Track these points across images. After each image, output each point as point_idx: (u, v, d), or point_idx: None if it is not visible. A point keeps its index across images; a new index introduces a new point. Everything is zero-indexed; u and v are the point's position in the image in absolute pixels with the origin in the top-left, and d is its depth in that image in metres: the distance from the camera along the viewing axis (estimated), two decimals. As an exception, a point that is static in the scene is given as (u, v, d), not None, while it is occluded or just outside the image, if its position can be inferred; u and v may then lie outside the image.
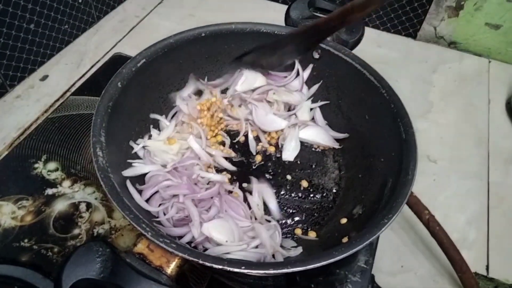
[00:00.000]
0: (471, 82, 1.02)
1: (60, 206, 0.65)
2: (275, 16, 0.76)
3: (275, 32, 0.67)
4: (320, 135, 0.68)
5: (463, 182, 0.81)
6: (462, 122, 0.92)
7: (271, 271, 0.42)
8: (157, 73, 0.63)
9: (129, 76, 0.57)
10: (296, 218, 0.61)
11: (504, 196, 0.79)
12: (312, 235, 0.58)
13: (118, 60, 0.67)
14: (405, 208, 0.67)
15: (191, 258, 0.41)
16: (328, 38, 0.67)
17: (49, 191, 0.66)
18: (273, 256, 0.54)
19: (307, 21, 0.68)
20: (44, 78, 0.89)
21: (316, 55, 0.67)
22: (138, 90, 0.60)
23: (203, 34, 0.64)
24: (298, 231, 0.59)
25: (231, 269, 0.41)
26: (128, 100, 0.58)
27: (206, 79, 0.70)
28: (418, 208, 0.66)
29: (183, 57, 0.65)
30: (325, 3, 0.71)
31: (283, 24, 0.72)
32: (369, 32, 1.11)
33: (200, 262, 0.41)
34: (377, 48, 1.08)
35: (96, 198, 0.66)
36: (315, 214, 0.61)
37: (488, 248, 0.71)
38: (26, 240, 0.60)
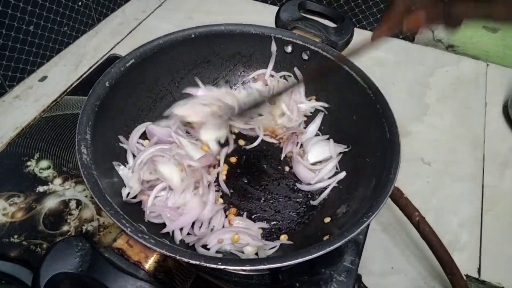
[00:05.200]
0: (468, 85, 1.01)
1: (50, 203, 0.66)
2: (273, 18, 0.76)
3: (264, 34, 0.67)
4: (328, 148, 0.67)
5: (457, 185, 0.80)
6: (458, 125, 0.92)
7: (247, 267, 0.42)
8: (146, 73, 0.63)
9: (117, 76, 0.58)
10: (281, 218, 0.61)
11: (498, 199, 0.79)
12: (284, 238, 0.58)
13: (113, 61, 0.68)
14: (396, 210, 0.67)
15: (168, 254, 0.42)
16: (317, 40, 0.67)
17: (40, 189, 0.68)
18: (256, 254, 0.55)
19: (297, 22, 0.69)
20: (43, 79, 0.91)
21: (305, 56, 0.67)
22: (126, 90, 0.61)
23: (192, 36, 0.65)
24: (283, 237, 0.59)
25: (207, 264, 0.41)
26: (116, 99, 0.58)
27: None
28: (409, 210, 0.66)
29: (173, 58, 0.66)
30: (315, 5, 0.71)
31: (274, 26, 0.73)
32: (368, 35, 1.12)
33: (177, 257, 0.42)
34: (375, 51, 1.07)
35: (86, 196, 0.67)
36: (300, 213, 0.62)
37: (480, 251, 0.71)
38: (16, 236, 0.61)
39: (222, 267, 0.42)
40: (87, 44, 1.01)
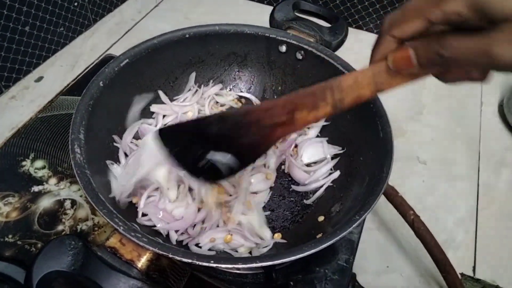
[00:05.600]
0: (464, 84, 1.01)
1: (45, 203, 0.66)
2: (270, 18, 0.76)
3: (259, 33, 0.67)
4: (322, 149, 0.67)
5: (453, 184, 0.81)
6: (453, 124, 0.92)
7: (240, 266, 0.42)
8: (140, 73, 0.64)
9: (112, 76, 0.58)
10: (275, 216, 0.61)
11: (493, 198, 0.79)
12: (278, 236, 0.58)
13: (108, 61, 0.69)
14: (391, 209, 0.67)
15: (161, 252, 0.42)
16: (311, 40, 0.67)
17: (35, 188, 0.68)
18: (250, 252, 0.55)
19: (291, 22, 0.69)
20: (39, 79, 0.91)
21: (300, 56, 0.68)
22: (121, 90, 0.61)
23: (187, 36, 0.65)
24: (276, 236, 0.59)
25: (199, 263, 0.41)
26: (110, 99, 0.59)
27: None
28: (403, 209, 0.66)
29: (167, 58, 0.66)
30: (309, 5, 0.72)
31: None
32: (363, 35, 1.12)
33: (170, 256, 0.42)
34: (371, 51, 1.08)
35: (81, 196, 0.67)
36: (294, 212, 0.62)
37: (475, 250, 0.71)
38: (10, 236, 0.61)
39: (215, 265, 0.42)
40: (83, 45, 1.01)
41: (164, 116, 0.69)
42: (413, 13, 0.33)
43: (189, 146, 0.44)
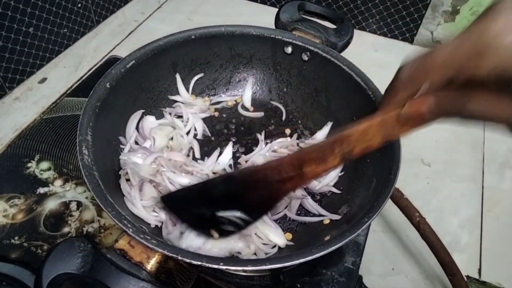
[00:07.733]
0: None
1: (51, 204, 0.66)
2: (273, 20, 0.76)
3: (264, 35, 0.67)
4: None
5: (457, 186, 0.81)
6: (457, 126, 0.92)
7: (249, 268, 0.42)
8: (147, 74, 0.64)
9: (118, 77, 0.58)
10: (282, 219, 0.61)
11: (498, 200, 0.79)
12: (288, 237, 0.58)
13: (113, 63, 0.68)
14: (397, 211, 0.67)
15: (170, 254, 0.42)
16: (317, 41, 0.67)
17: (41, 190, 0.67)
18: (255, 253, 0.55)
19: (297, 24, 0.69)
20: (43, 80, 0.91)
21: (305, 57, 0.67)
22: (127, 91, 0.61)
23: (193, 37, 0.65)
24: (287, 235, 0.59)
25: (209, 265, 0.41)
26: (117, 100, 0.59)
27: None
28: (409, 211, 0.66)
29: (173, 59, 0.66)
30: (315, 6, 0.72)
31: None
32: (366, 36, 1.12)
33: (179, 258, 0.42)
34: (374, 52, 1.08)
35: (86, 197, 0.67)
36: (301, 214, 0.62)
37: (480, 252, 0.71)
38: (16, 238, 0.61)
39: (224, 267, 0.42)
40: (87, 46, 1.01)
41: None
42: (440, 68, 0.31)
43: (197, 209, 0.47)
